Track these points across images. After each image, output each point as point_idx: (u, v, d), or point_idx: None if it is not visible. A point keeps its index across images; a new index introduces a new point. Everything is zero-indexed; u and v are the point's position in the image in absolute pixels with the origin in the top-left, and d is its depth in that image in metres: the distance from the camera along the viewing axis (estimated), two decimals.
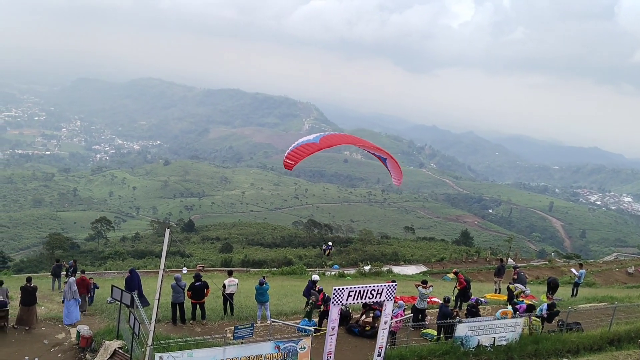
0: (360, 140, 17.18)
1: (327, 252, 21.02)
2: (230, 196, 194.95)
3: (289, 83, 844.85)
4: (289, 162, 15.44)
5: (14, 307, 17.37)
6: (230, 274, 19.28)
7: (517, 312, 18.31)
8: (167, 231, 12.01)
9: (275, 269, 43.26)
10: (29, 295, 16.71)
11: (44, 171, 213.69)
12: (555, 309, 18.51)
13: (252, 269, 45.63)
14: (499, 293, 25.67)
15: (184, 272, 35.01)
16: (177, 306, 17.33)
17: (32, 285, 17.04)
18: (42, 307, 19.10)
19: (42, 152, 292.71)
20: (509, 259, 47.92)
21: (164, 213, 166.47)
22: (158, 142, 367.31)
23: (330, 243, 20.73)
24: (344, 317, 17.35)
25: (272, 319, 17.20)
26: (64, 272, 23.88)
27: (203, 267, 42.92)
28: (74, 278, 18.29)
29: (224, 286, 18.32)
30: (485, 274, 40.67)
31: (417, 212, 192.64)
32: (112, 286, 16.46)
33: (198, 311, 17.68)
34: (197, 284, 17.25)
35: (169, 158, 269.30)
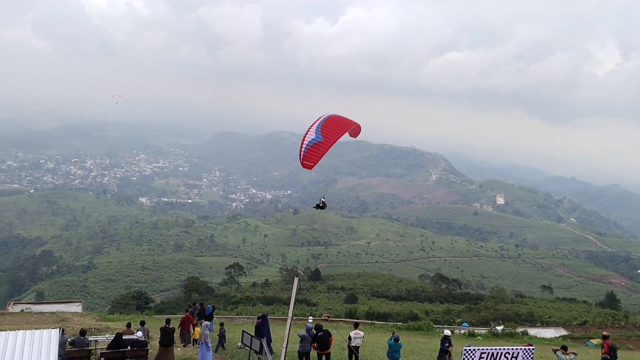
0: (349, 122, 17.21)
1: (320, 206, 20.14)
2: (355, 246, 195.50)
3: (416, 134, 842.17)
4: (308, 163, 15.89)
5: (153, 346, 18.49)
6: (356, 326, 19.05)
7: None
8: (296, 279, 12.20)
9: (400, 323, 42.22)
10: (167, 336, 17.70)
11: (185, 218, 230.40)
12: None
13: (377, 322, 44.93)
14: None
15: (310, 321, 35.28)
16: (304, 356, 17.35)
17: (170, 326, 18.07)
18: (179, 348, 20.12)
19: (184, 200, 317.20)
20: None
21: (292, 261, 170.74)
22: (288, 191, 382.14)
23: (323, 199, 19.98)
24: None
25: None
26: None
27: (328, 316, 43.05)
28: (207, 322, 19.13)
29: (350, 338, 18.09)
30: (634, 342, 36.70)
31: (555, 270, 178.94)
32: (243, 332, 16.96)
33: None
34: (320, 334, 17.18)
35: (298, 207, 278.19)
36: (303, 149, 16.08)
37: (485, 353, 12.56)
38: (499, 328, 37.01)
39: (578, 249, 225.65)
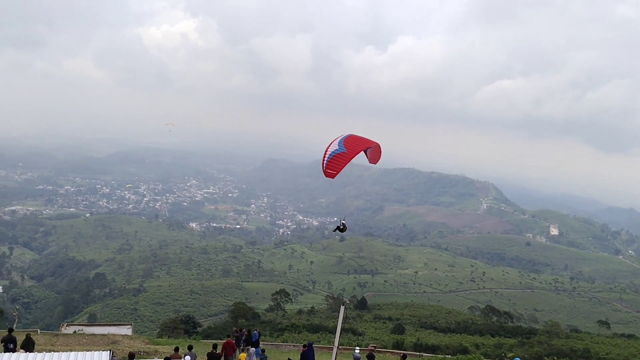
0: (369, 140, 17.69)
1: (341, 228, 19.53)
2: (402, 275, 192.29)
3: (466, 162, 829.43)
4: (331, 171, 16.34)
5: None
6: (404, 357, 18.65)
7: None
8: (342, 308, 12.04)
9: (449, 356, 41.03)
10: None
11: (233, 243, 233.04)
12: None
13: (425, 354, 43.81)
14: None
15: (357, 351, 34.73)
16: None
17: (217, 351, 18.16)
18: None
19: (233, 226, 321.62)
20: None
21: (338, 288, 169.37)
22: (335, 218, 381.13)
23: (343, 221, 19.45)
24: None
25: None
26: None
27: (375, 347, 42.25)
28: (254, 349, 19.11)
29: None
30: None
31: (612, 305, 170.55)
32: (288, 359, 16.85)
33: None
34: None
35: (344, 234, 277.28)
36: (326, 159, 16.41)
37: None
38: None
39: (637, 282, 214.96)
